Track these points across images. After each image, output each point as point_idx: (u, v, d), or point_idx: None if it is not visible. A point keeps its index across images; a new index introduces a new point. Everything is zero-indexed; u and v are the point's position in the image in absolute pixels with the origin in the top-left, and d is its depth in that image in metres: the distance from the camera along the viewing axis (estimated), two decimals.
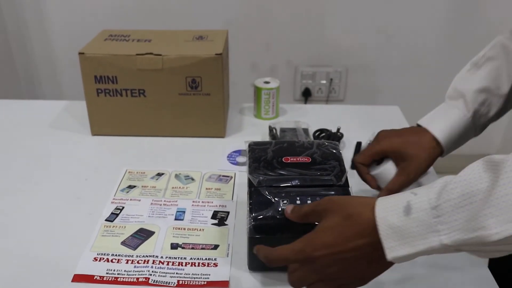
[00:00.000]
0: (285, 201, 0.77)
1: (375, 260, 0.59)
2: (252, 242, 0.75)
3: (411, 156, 0.89)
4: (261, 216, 0.75)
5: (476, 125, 0.92)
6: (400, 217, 0.56)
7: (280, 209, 0.76)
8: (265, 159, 0.85)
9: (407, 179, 0.89)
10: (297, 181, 0.80)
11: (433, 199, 0.55)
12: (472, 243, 0.53)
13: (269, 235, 0.75)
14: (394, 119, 1.31)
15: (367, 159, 0.94)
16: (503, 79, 0.90)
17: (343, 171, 0.82)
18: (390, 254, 0.57)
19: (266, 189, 0.79)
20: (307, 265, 0.64)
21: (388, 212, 0.57)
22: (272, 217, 0.75)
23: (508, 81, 0.90)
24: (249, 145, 0.90)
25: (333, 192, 0.79)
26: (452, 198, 0.54)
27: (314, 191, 0.79)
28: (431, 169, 1.07)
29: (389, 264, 0.60)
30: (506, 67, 0.90)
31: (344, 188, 0.80)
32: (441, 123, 0.91)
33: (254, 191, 0.79)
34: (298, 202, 0.77)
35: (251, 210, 0.77)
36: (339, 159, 0.85)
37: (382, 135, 0.94)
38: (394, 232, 0.56)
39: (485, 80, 0.90)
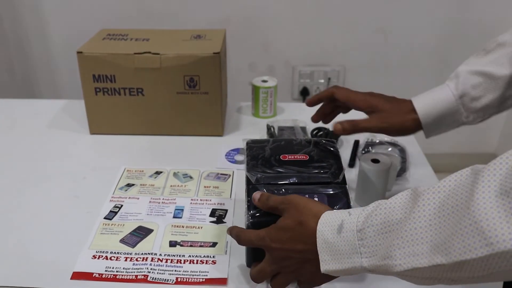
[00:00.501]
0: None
1: (318, 266, 0.63)
2: None
3: (385, 109, 0.89)
4: (259, 214, 0.75)
5: (467, 108, 0.86)
6: (334, 234, 0.60)
7: None
8: (263, 156, 0.85)
9: (378, 122, 0.88)
10: (294, 179, 0.80)
11: (360, 222, 0.58)
12: (382, 271, 0.56)
13: None
14: None
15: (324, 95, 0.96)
16: (508, 66, 0.84)
17: (340, 169, 0.83)
18: (323, 267, 0.61)
19: (264, 186, 0.79)
20: (267, 254, 0.70)
21: (326, 227, 0.62)
22: (270, 214, 0.75)
23: None
24: (247, 143, 0.90)
25: (330, 190, 0.79)
26: (375, 223, 0.57)
27: (312, 188, 0.79)
28: (429, 168, 1.08)
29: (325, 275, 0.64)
30: None
31: (341, 186, 0.81)
32: (425, 96, 0.88)
33: (252, 188, 0.79)
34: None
35: (249, 208, 0.77)
36: (336, 157, 0.86)
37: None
38: (328, 247, 0.61)
39: (487, 65, 0.85)
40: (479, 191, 0.47)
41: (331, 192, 0.79)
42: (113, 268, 0.81)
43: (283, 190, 0.78)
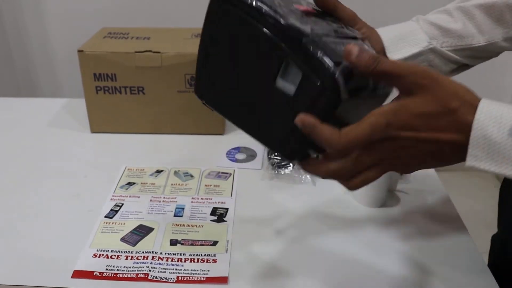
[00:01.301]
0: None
1: (446, 158, 0.54)
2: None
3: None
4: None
5: (423, 23, 0.80)
6: (503, 134, 0.50)
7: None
8: (280, 6, 0.57)
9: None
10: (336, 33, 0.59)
11: None
12: None
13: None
14: None
15: None
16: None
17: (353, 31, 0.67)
18: (470, 162, 0.52)
19: (325, 37, 0.56)
20: (378, 144, 0.54)
21: (491, 122, 0.51)
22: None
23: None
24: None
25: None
26: None
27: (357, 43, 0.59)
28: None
29: (447, 164, 0.55)
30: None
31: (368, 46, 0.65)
32: (389, 26, 0.81)
33: (310, 40, 0.54)
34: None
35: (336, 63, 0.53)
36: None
37: None
38: (487, 145, 0.51)
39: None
40: None
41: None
42: (113, 266, 0.81)
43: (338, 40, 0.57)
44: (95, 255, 0.83)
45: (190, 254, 0.83)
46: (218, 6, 0.60)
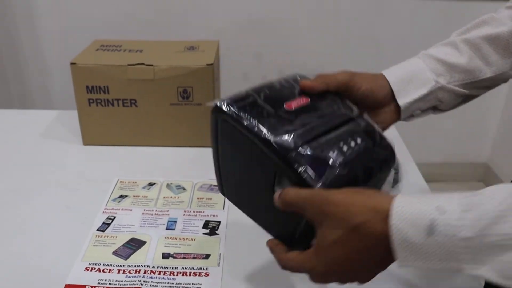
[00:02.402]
0: (335, 152, 0.61)
1: (384, 262, 0.54)
2: None
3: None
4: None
5: (430, 63, 0.80)
6: (421, 236, 0.49)
7: (339, 162, 0.60)
8: (268, 113, 0.64)
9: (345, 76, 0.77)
10: (323, 127, 0.64)
11: (467, 227, 0.47)
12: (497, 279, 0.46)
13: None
14: None
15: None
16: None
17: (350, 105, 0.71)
18: (402, 263, 0.51)
19: (305, 145, 0.61)
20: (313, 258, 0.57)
21: (407, 224, 0.50)
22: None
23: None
24: (229, 104, 0.67)
25: (362, 123, 0.67)
26: (504, 233, 0.45)
27: (346, 131, 0.65)
28: (421, 178, 1.09)
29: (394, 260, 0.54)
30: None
31: (361, 118, 0.69)
32: (395, 66, 0.82)
33: (296, 156, 0.60)
34: (344, 148, 0.62)
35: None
36: (334, 92, 0.73)
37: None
38: (410, 247, 0.50)
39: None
40: None
41: (365, 127, 0.67)
42: (105, 280, 0.80)
43: (328, 143, 0.62)
44: (87, 269, 0.83)
45: (183, 268, 0.83)
46: (215, 115, 0.69)
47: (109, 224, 0.94)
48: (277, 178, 0.61)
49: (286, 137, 0.60)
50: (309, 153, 0.60)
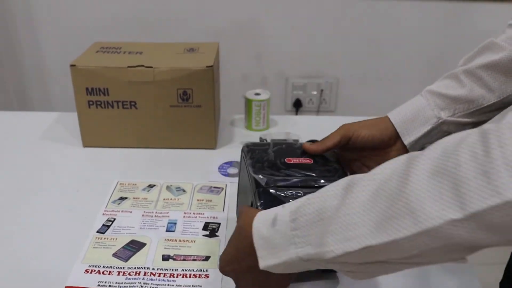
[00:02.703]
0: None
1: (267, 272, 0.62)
2: None
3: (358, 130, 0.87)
4: None
5: (434, 101, 0.85)
6: (268, 228, 0.59)
7: None
8: (267, 159, 0.83)
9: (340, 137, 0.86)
10: (303, 182, 0.78)
11: (293, 212, 0.58)
12: (317, 260, 0.55)
13: None
14: None
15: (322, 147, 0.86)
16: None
17: (345, 173, 0.82)
18: (262, 263, 0.59)
19: (274, 189, 0.76)
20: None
21: (261, 223, 0.61)
22: None
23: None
24: (247, 146, 0.88)
25: None
26: (308, 213, 0.56)
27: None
28: None
29: (288, 276, 0.64)
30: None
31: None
32: (399, 107, 0.88)
33: (262, 191, 0.76)
34: None
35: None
36: (339, 161, 0.85)
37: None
38: (264, 243, 0.59)
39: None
40: (413, 174, 0.48)
41: None
42: (105, 282, 0.80)
43: (293, 193, 0.76)
44: (87, 271, 0.83)
45: (183, 270, 0.83)
46: (241, 151, 0.88)
47: (109, 226, 0.94)
48: (252, 201, 0.77)
49: (261, 176, 0.78)
50: (272, 192, 0.75)
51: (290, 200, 0.71)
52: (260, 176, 0.79)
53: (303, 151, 0.86)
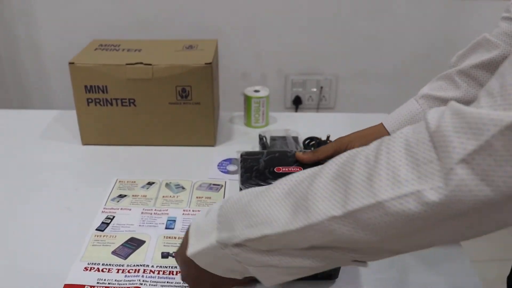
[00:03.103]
0: None
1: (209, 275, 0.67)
2: None
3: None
4: None
5: (428, 105, 0.88)
6: (202, 218, 0.65)
7: None
8: (257, 169, 0.85)
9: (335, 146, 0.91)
10: None
11: (223, 201, 0.63)
12: (229, 243, 0.60)
13: None
14: None
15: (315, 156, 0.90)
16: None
17: None
18: (189, 251, 0.64)
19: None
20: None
21: (199, 215, 0.67)
22: None
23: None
24: (241, 155, 0.91)
25: None
26: (231, 201, 0.62)
27: None
28: None
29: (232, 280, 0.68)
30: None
31: None
32: (393, 114, 0.92)
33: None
34: None
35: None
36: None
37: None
38: (196, 230, 0.65)
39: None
40: (319, 177, 0.53)
41: None
42: (105, 280, 0.80)
43: None
44: (86, 269, 0.82)
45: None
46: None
47: (108, 224, 0.94)
48: None
49: (246, 186, 0.80)
50: None
51: None
52: (246, 185, 0.82)
53: (295, 160, 0.88)
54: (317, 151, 0.90)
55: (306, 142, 1.20)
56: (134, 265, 0.83)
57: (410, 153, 0.46)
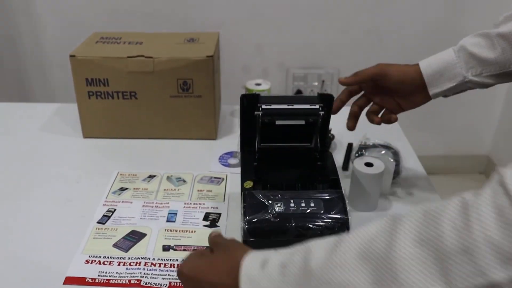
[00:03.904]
0: (279, 204, 0.77)
1: None
2: (247, 245, 0.75)
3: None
4: (255, 219, 0.75)
5: (465, 60, 0.88)
6: (258, 269, 0.58)
7: (274, 212, 0.76)
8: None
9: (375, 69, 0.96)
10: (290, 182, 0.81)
11: (285, 257, 0.56)
12: None
13: (263, 238, 0.76)
14: None
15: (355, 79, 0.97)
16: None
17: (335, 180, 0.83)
18: None
19: (260, 192, 0.79)
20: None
21: (252, 261, 0.59)
22: (266, 220, 0.75)
23: None
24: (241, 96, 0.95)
25: (326, 195, 0.79)
26: (298, 260, 0.55)
27: (308, 194, 0.79)
28: (422, 171, 1.08)
29: None
30: None
31: (337, 191, 0.81)
32: (430, 58, 0.93)
33: (248, 194, 0.79)
34: (292, 205, 0.78)
35: (245, 214, 0.77)
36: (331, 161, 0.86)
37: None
38: (251, 281, 0.58)
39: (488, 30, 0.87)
40: (399, 236, 0.48)
41: (327, 197, 0.79)
42: (106, 272, 0.80)
43: (279, 195, 0.78)
44: (87, 261, 0.83)
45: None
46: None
47: (109, 217, 0.94)
48: None
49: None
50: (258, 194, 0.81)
51: (275, 203, 0.80)
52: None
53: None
54: (358, 74, 0.95)
55: None
56: (135, 258, 0.83)
57: (502, 218, 0.43)
